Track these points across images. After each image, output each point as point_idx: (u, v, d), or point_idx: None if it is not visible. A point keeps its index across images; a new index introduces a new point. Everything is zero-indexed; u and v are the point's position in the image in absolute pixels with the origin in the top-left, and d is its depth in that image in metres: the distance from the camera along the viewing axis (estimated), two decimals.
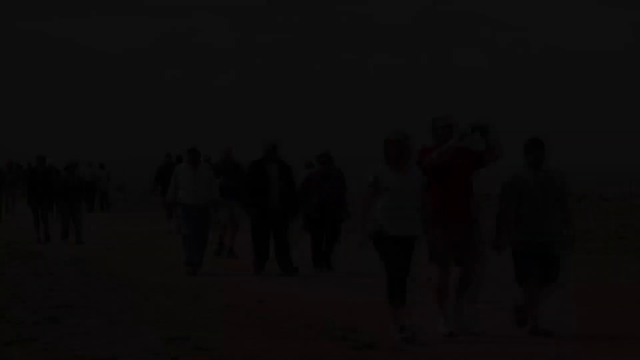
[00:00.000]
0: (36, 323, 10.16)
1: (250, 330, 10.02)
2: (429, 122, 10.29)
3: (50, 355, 8.50)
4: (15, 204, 35.21)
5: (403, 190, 9.60)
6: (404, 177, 9.64)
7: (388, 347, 9.07)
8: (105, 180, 38.96)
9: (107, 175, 39.48)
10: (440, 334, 9.87)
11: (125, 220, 32.10)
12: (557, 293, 10.73)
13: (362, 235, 9.69)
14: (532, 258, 10.03)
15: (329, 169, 16.22)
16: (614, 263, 16.73)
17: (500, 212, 10.11)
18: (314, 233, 16.19)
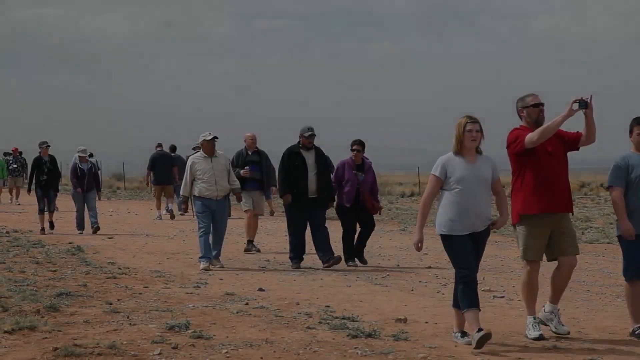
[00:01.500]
0: (36, 311, 10.18)
1: (250, 319, 10.04)
2: (513, 103, 9.24)
3: (50, 343, 8.52)
4: (19, 192, 35.18)
5: (475, 181, 8.69)
6: (475, 166, 8.75)
7: (388, 336, 9.08)
8: (96, 168, 38.92)
9: (97, 163, 39.48)
10: (529, 337, 9.09)
11: (124, 208, 32.11)
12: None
13: (418, 233, 8.78)
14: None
15: (362, 158, 15.86)
16: (613, 251, 16.73)
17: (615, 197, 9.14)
18: (346, 225, 15.55)
